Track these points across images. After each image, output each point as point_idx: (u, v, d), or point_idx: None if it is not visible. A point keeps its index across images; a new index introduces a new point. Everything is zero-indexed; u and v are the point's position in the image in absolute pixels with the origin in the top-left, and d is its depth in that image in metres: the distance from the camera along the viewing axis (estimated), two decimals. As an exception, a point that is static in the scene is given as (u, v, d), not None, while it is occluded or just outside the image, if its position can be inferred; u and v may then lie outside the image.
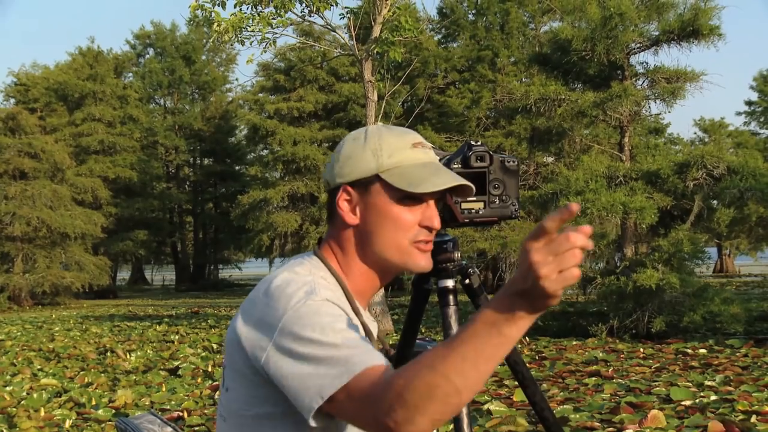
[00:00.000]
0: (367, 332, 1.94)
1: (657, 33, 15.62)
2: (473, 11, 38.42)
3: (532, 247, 1.39)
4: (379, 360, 1.64)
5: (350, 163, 1.92)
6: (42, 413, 8.66)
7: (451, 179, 1.91)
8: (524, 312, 1.43)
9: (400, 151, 1.93)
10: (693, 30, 15.07)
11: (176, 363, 12.57)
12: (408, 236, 1.92)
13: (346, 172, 1.93)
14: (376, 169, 1.90)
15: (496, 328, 1.44)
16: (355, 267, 1.95)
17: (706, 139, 47.27)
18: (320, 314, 1.72)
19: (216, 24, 16.08)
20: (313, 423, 1.67)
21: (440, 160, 2.50)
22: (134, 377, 11.40)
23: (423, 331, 15.23)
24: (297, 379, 1.67)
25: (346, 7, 17.68)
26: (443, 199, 2.07)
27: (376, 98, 16.45)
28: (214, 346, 14.70)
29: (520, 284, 1.41)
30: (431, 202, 1.95)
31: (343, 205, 1.93)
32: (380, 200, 1.91)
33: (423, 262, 1.94)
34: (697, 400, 8.01)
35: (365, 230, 1.93)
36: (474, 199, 2.48)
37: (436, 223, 1.94)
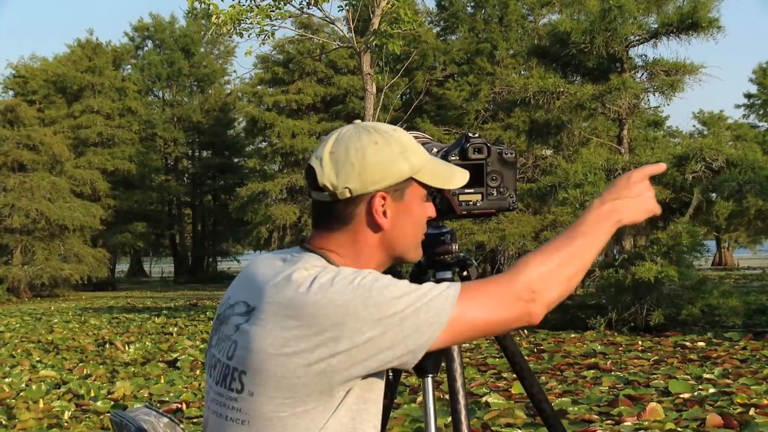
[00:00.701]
0: None
1: (656, 25, 15.60)
2: (472, 4, 38.39)
3: (648, 184, 2.00)
4: (456, 287, 1.83)
5: (384, 168, 1.89)
6: (41, 405, 8.66)
7: (463, 172, 2.05)
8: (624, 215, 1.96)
9: (417, 150, 1.96)
10: (692, 22, 15.05)
11: (175, 355, 12.57)
12: (422, 231, 2.02)
13: (380, 178, 1.89)
14: (410, 170, 1.92)
15: (607, 225, 1.93)
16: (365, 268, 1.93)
17: (705, 132, 47.25)
18: (386, 277, 1.81)
19: (214, 16, 16.07)
20: (422, 353, 1.79)
21: (438, 152, 2.50)
22: (133, 369, 11.41)
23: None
24: (407, 328, 1.76)
25: (344, -1, 17.67)
26: (441, 192, 2.09)
27: (374, 91, 16.45)
28: (213, 338, 14.68)
29: (628, 197, 1.97)
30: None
31: (380, 211, 1.91)
32: (413, 201, 1.96)
33: (421, 251, 2.05)
34: (696, 393, 8.01)
35: (393, 233, 1.94)
36: (472, 191, 2.47)
37: (434, 212, 2.08)
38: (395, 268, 2.07)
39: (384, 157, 1.89)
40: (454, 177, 2.00)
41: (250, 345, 1.82)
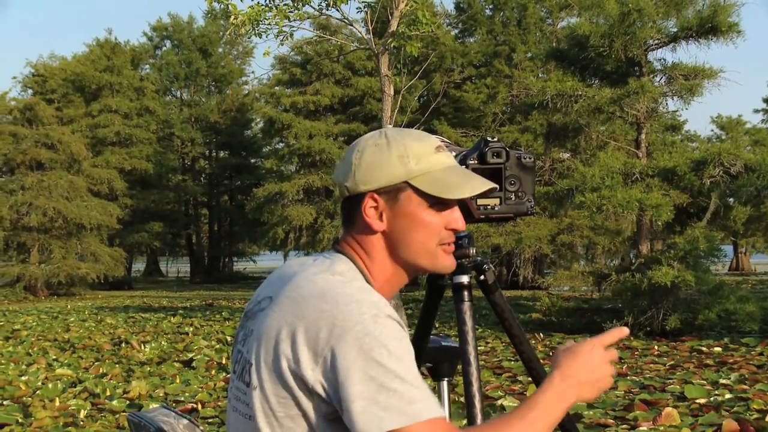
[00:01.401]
0: None
1: (675, 29, 15.55)
2: (490, 6, 38.33)
3: (608, 355, 1.90)
4: (442, 411, 1.73)
5: (376, 170, 1.91)
6: (57, 403, 8.71)
7: (481, 184, 1.96)
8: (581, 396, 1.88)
9: (426, 157, 1.92)
10: (712, 27, 14.99)
11: (190, 355, 12.60)
12: (437, 240, 1.94)
13: (371, 179, 1.91)
14: (406, 175, 1.90)
15: (564, 405, 1.83)
16: (379, 272, 1.95)
17: (724, 137, 47.04)
18: (389, 336, 1.72)
19: (233, 16, 16.09)
20: None
21: (456, 155, 2.50)
22: (148, 368, 11.44)
23: (437, 326, 15.23)
24: (359, 401, 1.67)
25: (363, 1, 17.66)
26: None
27: (392, 92, 16.43)
28: (228, 338, 14.73)
29: (588, 376, 1.87)
30: (456, 205, 1.97)
31: (370, 213, 1.92)
32: (410, 206, 1.91)
33: (449, 262, 1.99)
34: (712, 399, 7.99)
35: (393, 236, 1.93)
36: (490, 195, 2.47)
37: (462, 224, 1.97)
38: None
39: (378, 159, 1.91)
40: (461, 187, 1.93)
41: (259, 334, 1.84)
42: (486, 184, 1.97)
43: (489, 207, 2.48)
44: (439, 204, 1.92)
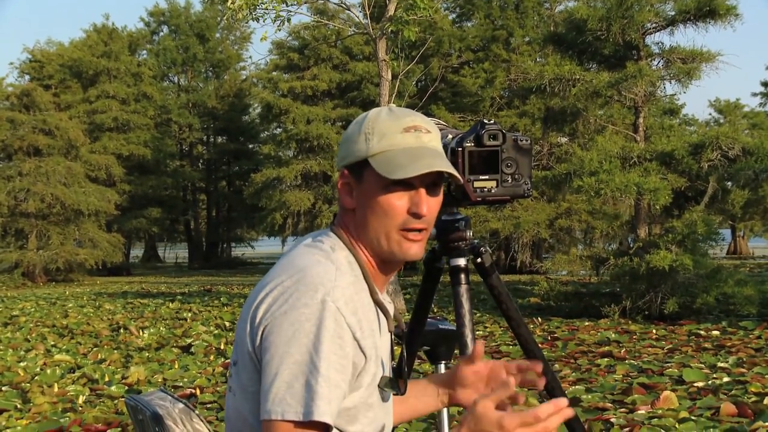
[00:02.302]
0: (384, 311, 1.92)
1: (673, 13, 15.53)
2: (488, -10, 38.20)
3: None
4: (330, 420, 1.72)
5: (347, 146, 1.91)
6: (55, 389, 8.72)
7: (425, 165, 1.84)
8: None
9: (390, 136, 1.87)
10: (710, 10, 14.96)
11: (189, 340, 12.62)
12: (396, 223, 1.87)
13: (343, 155, 1.92)
14: (366, 153, 1.87)
15: None
16: (360, 252, 1.93)
17: (722, 120, 46.98)
18: (327, 329, 1.73)
19: (230, 1, 16.05)
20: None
21: (453, 138, 2.49)
22: (147, 354, 11.45)
23: (435, 310, 15.25)
24: (278, 382, 1.72)
25: (360, -14, 17.63)
26: (448, 180, 1.99)
27: (390, 77, 16.40)
28: (227, 323, 14.74)
29: None
30: (421, 189, 1.88)
31: (343, 189, 1.92)
32: (370, 185, 1.87)
33: (412, 250, 1.90)
34: (710, 382, 8.00)
35: (358, 214, 1.91)
36: (487, 177, 2.46)
37: (424, 209, 1.87)
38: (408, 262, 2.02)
39: (350, 136, 1.92)
40: (404, 168, 1.83)
41: (242, 312, 1.88)
42: (430, 166, 1.85)
43: (486, 189, 2.47)
44: (397, 185, 1.86)
